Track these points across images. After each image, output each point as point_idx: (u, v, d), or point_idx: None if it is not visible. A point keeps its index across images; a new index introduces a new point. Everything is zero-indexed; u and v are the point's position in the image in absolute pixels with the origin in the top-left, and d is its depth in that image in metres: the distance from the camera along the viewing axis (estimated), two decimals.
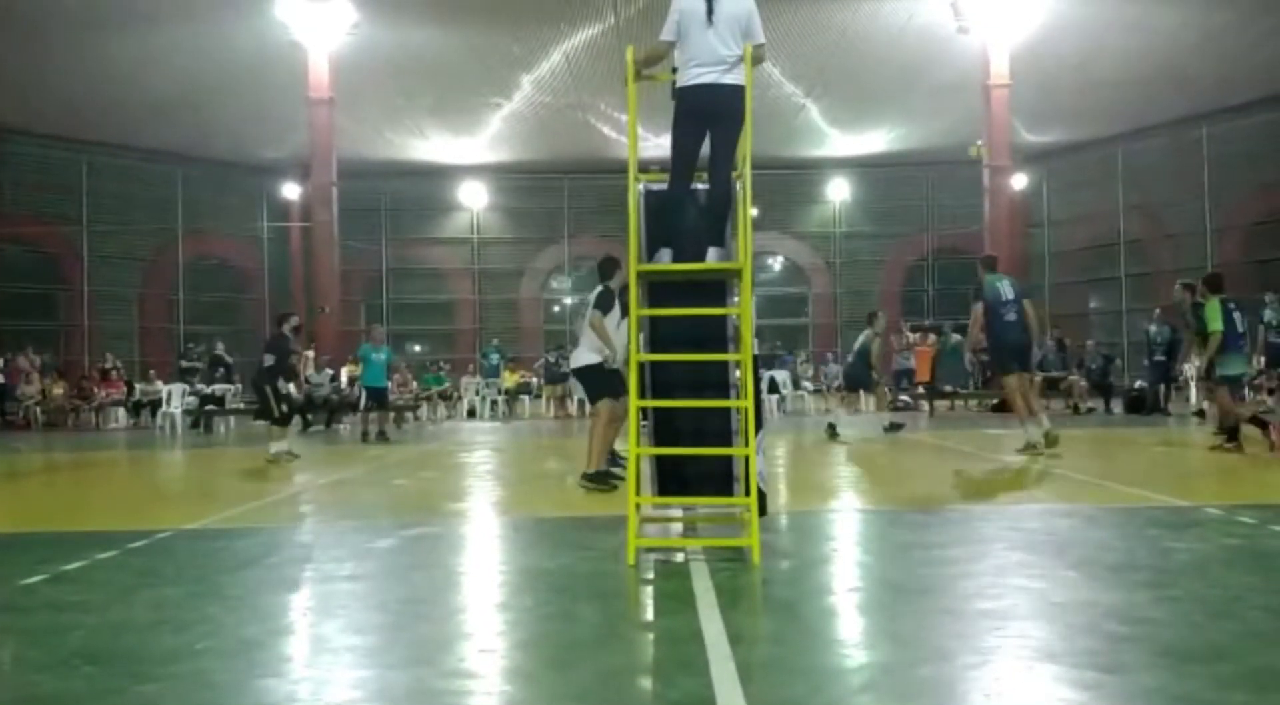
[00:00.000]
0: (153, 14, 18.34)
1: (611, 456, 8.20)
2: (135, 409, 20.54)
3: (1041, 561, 4.68)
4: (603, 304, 7.47)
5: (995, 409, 18.76)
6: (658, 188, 5.36)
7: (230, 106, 22.49)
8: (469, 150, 26.93)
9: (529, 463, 10.81)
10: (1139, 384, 17.64)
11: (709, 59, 4.99)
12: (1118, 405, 17.66)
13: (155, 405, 19.56)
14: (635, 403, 4.94)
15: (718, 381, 5.19)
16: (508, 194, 29.32)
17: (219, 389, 18.92)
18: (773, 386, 19.80)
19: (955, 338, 19.80)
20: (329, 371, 18.55)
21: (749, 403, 4.80)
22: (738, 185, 5.29)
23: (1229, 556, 4.66)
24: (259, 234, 28.09)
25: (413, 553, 5.32)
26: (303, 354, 19.72)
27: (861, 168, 28.54)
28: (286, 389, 11.05)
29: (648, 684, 3.09)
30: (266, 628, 3.73)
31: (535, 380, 22.41)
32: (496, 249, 29.63)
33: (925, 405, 19.28)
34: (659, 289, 5.30)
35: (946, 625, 3.54)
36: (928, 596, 3.99)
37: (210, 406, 18.15)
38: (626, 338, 6.17)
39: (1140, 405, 16.59)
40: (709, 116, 5.08)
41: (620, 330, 7.33)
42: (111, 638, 3.56)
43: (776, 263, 30.23)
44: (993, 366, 11.02)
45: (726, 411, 5.13)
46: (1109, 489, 7.22)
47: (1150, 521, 5.69)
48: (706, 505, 5.57)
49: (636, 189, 5.20)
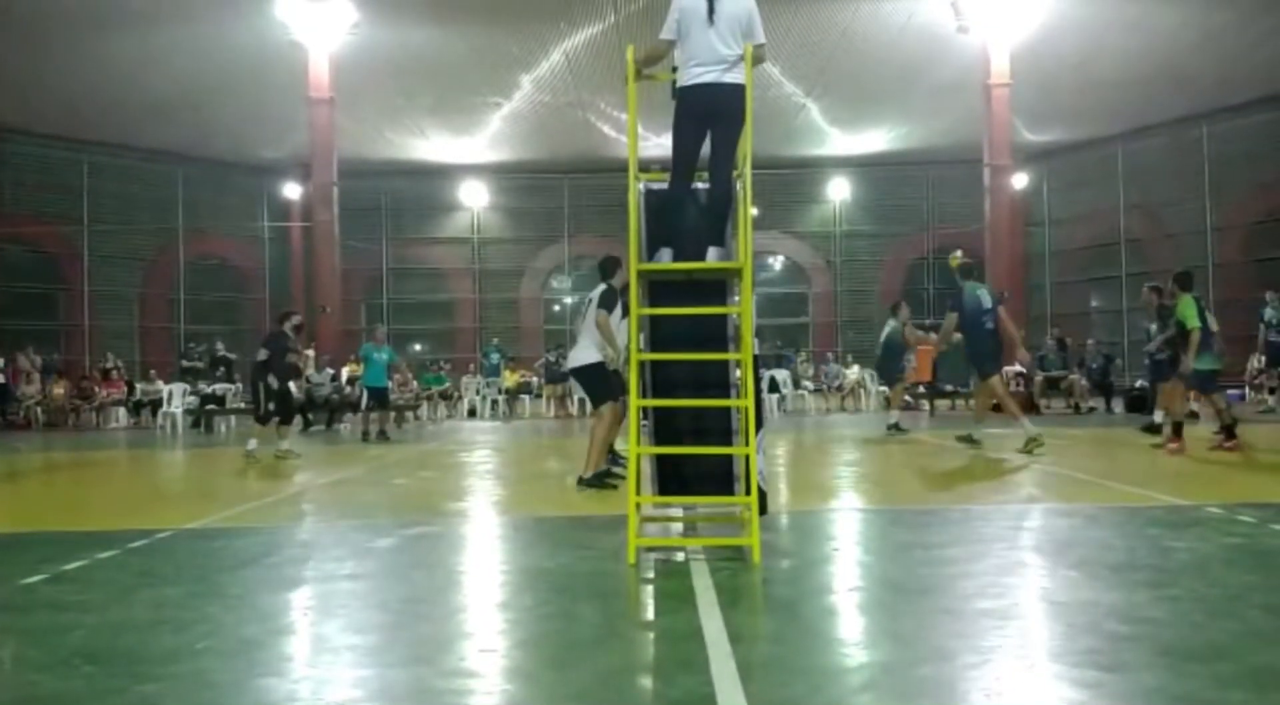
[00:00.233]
0: (153, 14, 18.35)
1: (612, 456, 8.20)
2: (136, 409, 20.58)
3: (1042, 561, 4.68)
4: (607, 303, 7.44)
5: (995, 409, 18.74)
6: (658, 187, 5.36)
7: (231, 106, 22.50)
8: (469, 150, 26.93)
9: (529, 462, 10.81)
10: (1139, 383, 17.62)
11: (709, 58, 4.98)
12: (1118, 404, 17.66)
13: (156, 405, 19.60)
14: (636, 402, 4.94)
15: (718, 381, 5.19)
16: (508, 193, 29.33)
17: (220, 388, 18.93)
18: (773, 386, 19.81)
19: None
20: (330, 371, 18.57)
21: (749, 402, 4.79)
22: (738, 185, 5.28)
23: (1229, 555, 4.66)
24: (260, 234, 28.13)
25: (413, 552, 5.32)
26: (304, 353, 19.77)
27: (862, 167, 28.53)
28: (276, 386, 11.05)
29: (648, 683, 3.09)
30: (267, 627, 3.73)
31: (535, 380, 22.43)
32: (497, 248, 29.64)
33: (926, 405, 19.28)
34: (659, 288, 5.29)
35: (947, 624, 3.54)
36: (928, 596, 3.99)
37: (211, 406, 18.17)
38: (627, 337, 6.17)
39: (1141, 404, 16.56)
40: (709, 116, 5.07)
41: (621, 330, 7.32)
42: (111, 637, 3.56)
43: (777, 262, 30.24)
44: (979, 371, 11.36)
45: (727, 411, 5.13)
46: (1110, 488, 7.22)
47: (1151, 521, 5.69)
48: (707, 504, 5.57)
49: (637, 188, 5.19)
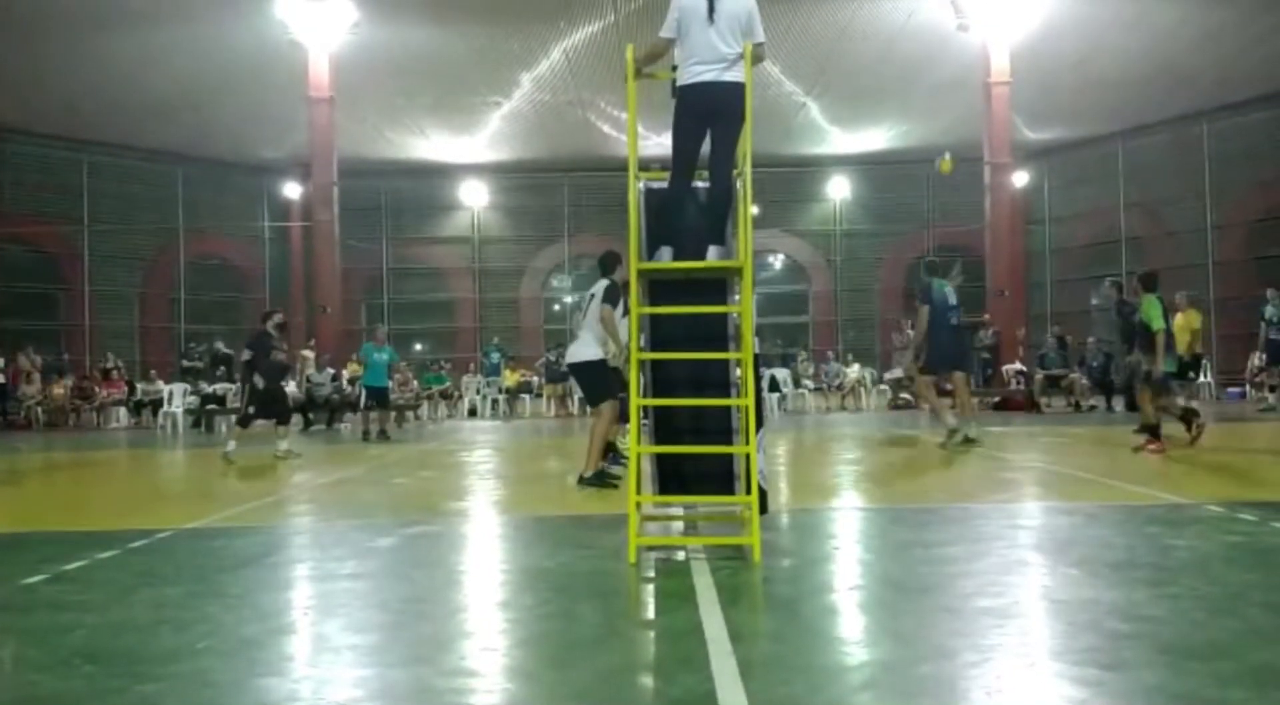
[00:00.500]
0: (152, 13, 18.34)
1: (614, 455, 8.20)
2: (137, 408, 20.59)
3: (1042, 559, 4.68)
4: (611, 298, 7.44)
5: (996, 407, 18.76)
6: (658, 186, 5.36)
7: (231, 106, 22.50)
8: (469, 149, 26.92)
9: (529, 462, 10.81)
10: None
11: (709, 57, 4.97)
12: (1119, 403, 17.63)
13: (156, 405, 19.60)
14: (636, 401, 4.94)
15: (718, 380, 5.18)
16: (508, 193, 29.32)
17: (220, 388, 18.94)
18: (773, 385, 19.80)
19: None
20: (330, 371, 18.57)
21: (750, 401, 4.79)
22: (738, 183, 5.28)
23: (1230, 554, 4.66)
24: (260, 233, 28.13)
25: (413, 551, 5.32)
26: (301, 352, 19.75)
27: (862, 165, 28.51)
28: (261, 386, 11.06)
29: (649, 681, 3.09)
30: (267, 627, 3.73)
31: (536, 379, 22.43)
32: (497, 248, 29.63)
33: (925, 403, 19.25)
34: (659, 287, 5.29)
35: (947, 623, 3.54)
36: (928, 594, 3.99)
37: (212, 406, 18.18)
38: (628, 336, 6.16)
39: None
40: (709, 114, 5.07)
41: (622, 327, 7.32)
42: (112, 637, 3.56)
43: (777, 261, 30.23)
44: (929, 363, 11.03)
45: (727, 410, 5.13)
46: (1110, 486, 7.21)
47: (1151, 519, 5.69)
48: (707, 503, 5.57)
49: (637, 187, 5.19)
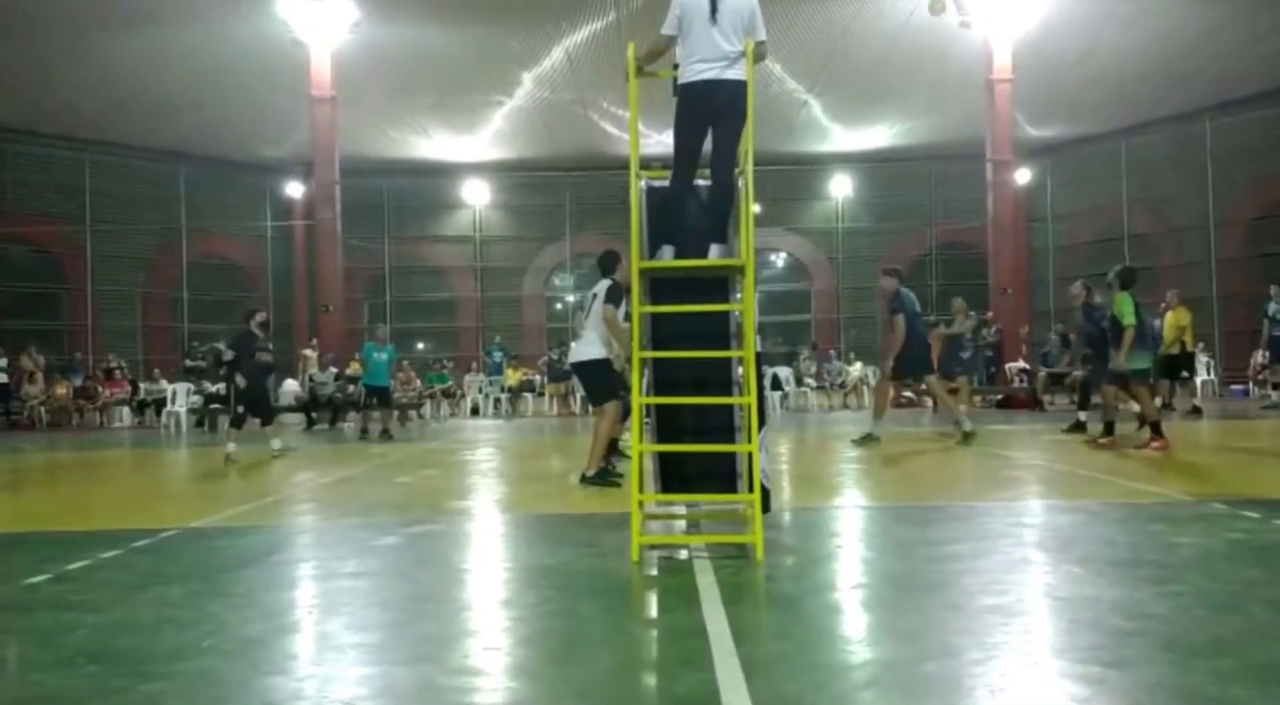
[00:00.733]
0: (155, 13, 18.37)
1: (616, 454, 8.20)
2: (140, 408, 20.61)
3: (1046, 557, 4.67)
4: (614, 298, 7.44)
5: (999, 405, 18.76)
6: (660, 185, 5.35)
7: (233, 105, 22.52)
8: (471, 148, 26.93)
9: (532, 460, 10.81)
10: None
11: (711, 55, 4.96)
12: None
13: (160, 404, 19.63)
14: (639, 399, 4.93)
15: (720, 379, 5.18)
16: (509, 191, 29.31)
17: (223, 388, 18.92)
18: (775, 383, 19.79)
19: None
20: (333, 369, 18.59)
21: (752, 399, 4.79)
22: (740, 182, 5.27)
23: (1233, 551, 4.65)
24: (262, 232, 28.15)
25: (416, 550, 5.32)
26: (304, 352, 19.77)
27: (864, 163, 28.49)
28: (243, 385, 11.04)
29: (652, 680, 3.09)
30: (271, 625, 3.73)
31: (538, 378, 22.44)
32: (499, 247, 29.64)
33: (929, 401, 19.25)
34: (661, 286, 5.29)
35: (951, 621, 3.54)
36: (932, 592, 3.99)
37: (215, 405, 18.19)
38: (629, 335, 6.15)
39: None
40: (711, 112, 5.06)
41: (624, 328, 7.32)
42: (115, 636, 3.56)
43: (779, 259, 30.21)
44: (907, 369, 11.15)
45: (729, 408, 5.12)
46: (1113, 484, 7.21)
47: (1154, 516, 5.68)
48: (710, 502, 5.57)
49: (638, 186, 5.19)
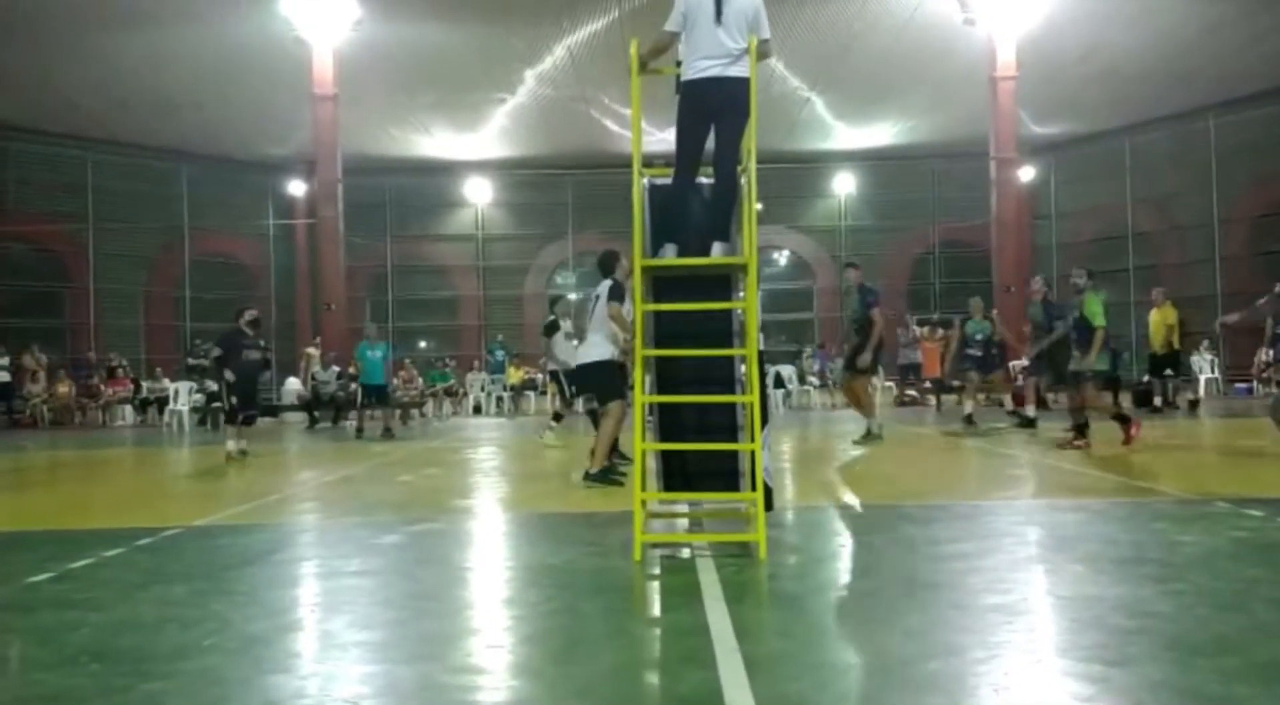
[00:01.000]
0: (157, 12, 18.38)
1: (619, 454, 8.20)
2: (142, 406, 20.62)
3: (1049, 556, 4.67)
4: (616, 296, 7.50)
5: (1003, 404, 18.68)
6: (662, 182, 5.34)
7: (235, 103, 22.53)
8: (473, 146, 26.92)
9: (534, 459, 10.81)
10: (1147, 377, 17.55)
11: (715, 52, 4.94)
12: (1126, 398, 17.57)
13: (162, 403, 19.64)
14: (641, 398, 4.93)
15: (723, 377, 5.17)
16: (512, 189, 29.30)
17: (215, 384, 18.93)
18: (778, 381, 19.77)
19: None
20: (335, 368, 18.59)
21: (755, 398, 4.78)
22: (743, 179, 5.26)
23: (1236, 550, 4.64)
24: (265, 231, 28.16)
25: (418, 548, 5.32)
26: (307, 351, 19.75)
27: (867, 161, 28.45)
28: (232, 379, 10.89)
29: (655, 678, 3.09)
30: (273, 624, 3.73)
31: (540, 376, 22.41)
32: (501, 245, 29.62)
33: (932, 399, 19.25)
34: (664, 284, 5.28)
35: (955, 619, 3.53)
36: (935, 591, 3.98)
37: (217, 404, 18.17)
38: (632, 333, 6.15)
39: (1148, 398, 16.54)
40: (713, 109, 5.03)
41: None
42: (118, 635, 3.56)
43: (782, 257, 30.17)
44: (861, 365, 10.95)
45: (732, 407, 5.11)
46: (1116, 482, 7.20)
47: (1157, 515, 5.67)
48: (712, 500, 5.56)
49: (641, 184, 5.18)
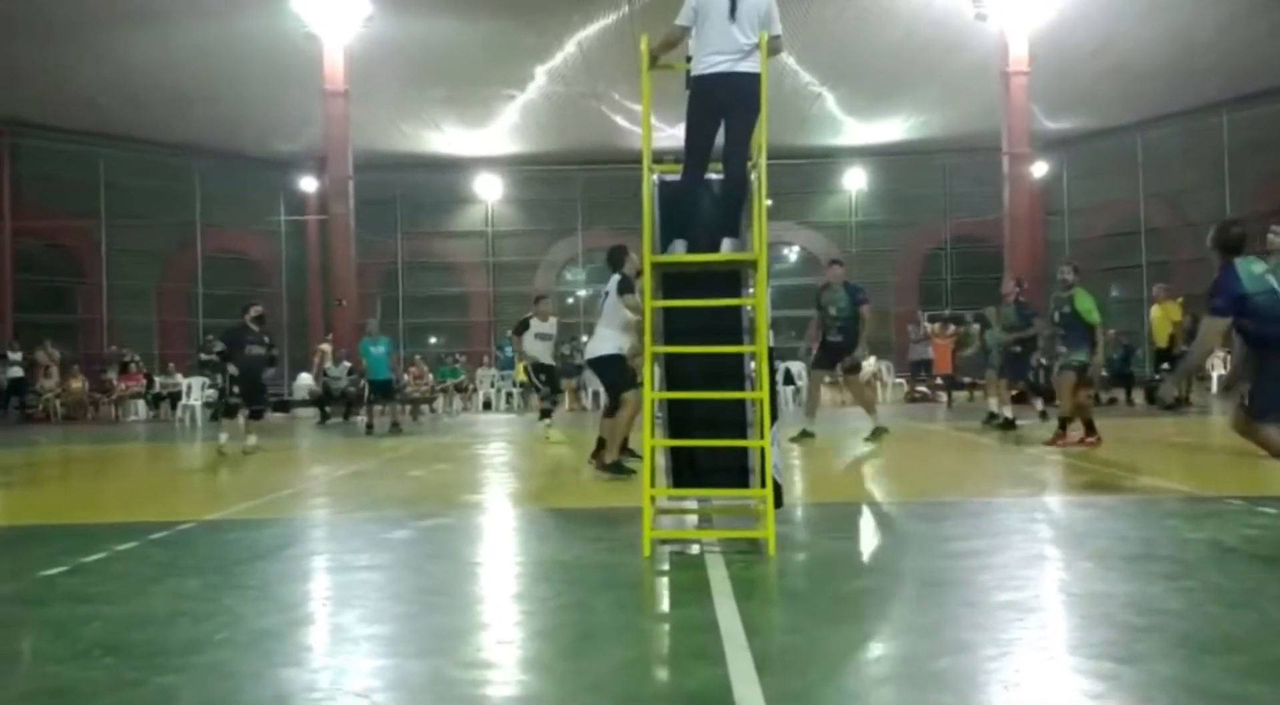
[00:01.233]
0: (169, 9, 18.46)
1: (628, 452, 8.20)
2: (155, 402, 20.72)
3: (1061, 553, 4.66)
4: (625, 289, 7.51)
5: (1014, 401, 18.61)
6: (672, 179, 5.33)
7: (247, 100, 22.61)
8: (483, 142, 26.95)
9: (543, 454, 10.82)
10: (1157, 376, 17.45)
11: (726, 48, 4.92)
12: (1139, 395, 17.50)
13: (175, 398, 19.73)
14: (649, 394, 4.93)
15: (732, 373, 5.16)
16: (521, 186, 29.31)
17: (219, 379, 19.00)
18: (788, 378, 19.72)
19: (976, 327, 19.63)
20: (346, 363, 18.65)
21: (764, 394, 4.77)
22: (753, 175, 5.25)
23: (1248, 547, 4.62)
24: (276, 228, 28.24)
25: (429, 544, 5.34)
26: (320, 347, 19.82)
27: (878, 156, 28.36)
28: (235, 373, 11.03)
29: (664, 674, 3.10)
30: (285, 618, 3.74)
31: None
32: (511, 241, 29.65)
33: (944, 396, 19.19)
34: (673, 280, 5.26)
35: (965, 617, 3.52)
36: (946, 588, 3.97)
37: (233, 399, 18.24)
38: (639, 329, 6.15)
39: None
40: (723, 104, 5.01)
41: (633, 324, 7.33)
42: (131, 629, 3.58)
43: (792, 253, 30.09)
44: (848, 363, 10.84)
45: (741, 403, 5.10)
46: (1129, 479, 7.17)
47: (1169, 512, 5.65)
48: (721, 497, 5.56)
49: (650, 180, 5.17)
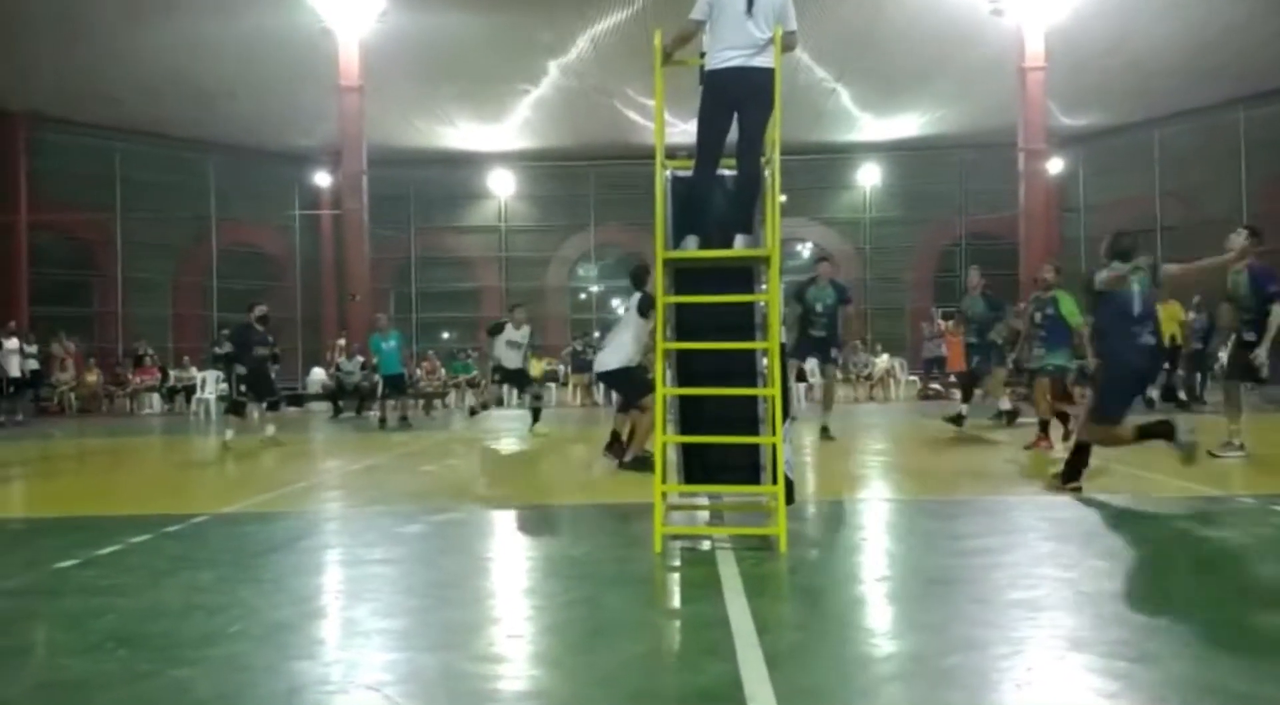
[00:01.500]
0: (186, 3, 18.52)
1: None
2: (170, 395, 20.85)
3: (1072, 551, 4.63)
4: (643, 311, 7.65)
5: (1025, 399, 18.52)
6: (684, 174, 5.32)
7: (262, 95, 22.69)
8: (496, 138, 26.96)
9: (554, 450, 10.84)
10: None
11: (741, 43, 4.90)
12: (1154, 392, 17.37)
13: (189, 391, 19.84)
14: (662, 391, 4.92)
15: (745, 370, 5.16)
16: (534, 181, 29.33)
17: (225, 376, 19.11)
18: (801, 375, 19.66)
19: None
20: (359, 358, 18.72)
21: (776, 391, 4.76)
22: (766, 171, 5.23)
23: (1261, 546, 4.59)
24: (291, 222, 28.35)
25: (441, 538, 5.36)
26: (336, 342, 19.89)
27: (893, 152, 28.24)
28: (243, 372, 11.14)
29: (675, 670, 3.10)
30: (298, 611, 3.77)
31: (562, 368, 22.43)
32: (523, 237, 29.68)
33: (959, 395, 19.09)
34: (686, 276, 5.26)
35: (977, 614, 3.51)
36: (957, 586, 3.96)
37: (242, 398, 18.34)
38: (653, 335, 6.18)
39: (1173, 393, 16.35)
40: (736, 99, 4.98)
41: (649, 327, 7.38)
42: (145, 621, 3.61)
43: (805, 249, 30.01)
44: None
45: (753, 400, 5.10)
46: (1142, 478, 7.12)
47: (1183, 512, 5.62)
48: (733, 493, 5.56)
49: (663, 175, 5.16)
